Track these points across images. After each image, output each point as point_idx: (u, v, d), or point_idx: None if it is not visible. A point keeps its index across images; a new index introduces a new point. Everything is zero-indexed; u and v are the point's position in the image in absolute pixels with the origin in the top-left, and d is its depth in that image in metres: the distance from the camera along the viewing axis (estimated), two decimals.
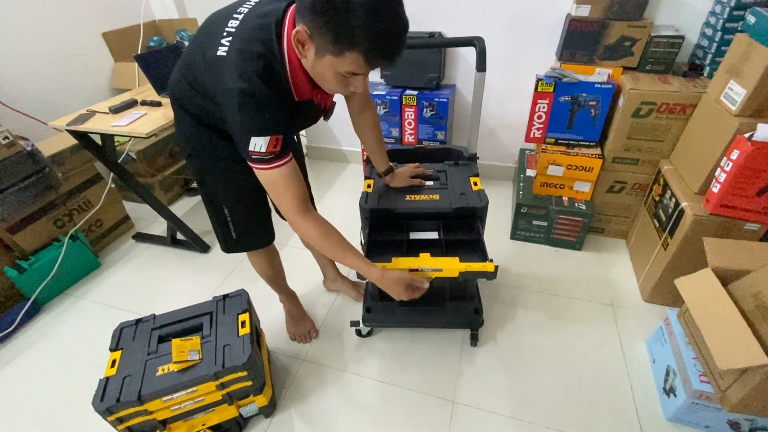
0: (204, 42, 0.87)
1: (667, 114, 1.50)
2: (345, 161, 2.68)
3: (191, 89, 0.94)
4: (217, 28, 0.85)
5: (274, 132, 0.82)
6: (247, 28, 0.82)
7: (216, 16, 0.90)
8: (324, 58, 0.76)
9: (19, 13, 1.88)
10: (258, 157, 0.83)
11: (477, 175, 1.36)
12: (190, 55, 0.92)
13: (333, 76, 0.79)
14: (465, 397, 1.29)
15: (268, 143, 0.81)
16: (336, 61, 0.75)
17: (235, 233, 1.20)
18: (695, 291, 1.09)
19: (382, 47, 0.74)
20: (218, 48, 0.81)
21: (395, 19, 0.72)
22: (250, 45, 0.79)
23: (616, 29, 1.55)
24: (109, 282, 1.84)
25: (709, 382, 1.08)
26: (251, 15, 0.83)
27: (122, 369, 1.08)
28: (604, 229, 1.89)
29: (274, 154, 0.84)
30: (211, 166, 1.08)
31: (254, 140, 0.81)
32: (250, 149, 0.82)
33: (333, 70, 0.78)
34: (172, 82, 1.01)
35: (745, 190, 1.21)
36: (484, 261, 1.15)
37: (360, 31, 0.70)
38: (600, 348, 1.42)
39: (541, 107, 1.68)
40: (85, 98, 2.16)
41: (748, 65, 1.20)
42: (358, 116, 1.21)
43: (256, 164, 0.86)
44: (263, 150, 0.82)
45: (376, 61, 0.76)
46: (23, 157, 1.57)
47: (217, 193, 1.13)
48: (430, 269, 1.14)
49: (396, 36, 0.74)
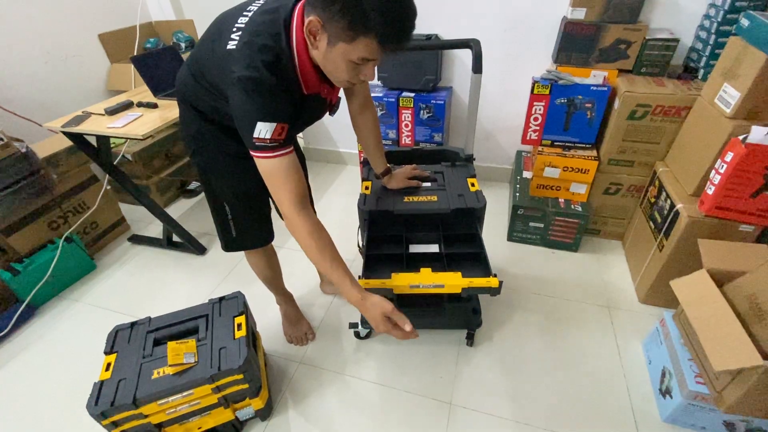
0: (214, 38, 0.88)
1: (662, 116, 1.50)
2: (342, 163, 2.68)
3: (199, 86, 0.95)
4: (227, 24, 0.87)
5: (281, 119, 0.82)
6: (255, 22, 0.83)
7: (226, 14, 0.91)
8: (337, 46, 0.78)
9: (15, 14, 1.87)
10: (261, 144, 0.83)
11: (474, 176, 1.36)
12: (199, 51, 0.94)
13: (345, 64, 0.81)
14: (462, 399, 1.29)
15: (274, 130, 0.82)
16: (349, 48, 0.77)
17: (235, 231, 1.21)
18: (690, 292, 1.10)
19: (395, 30, 0.76)
20: (228, 42, 0.83)
21: (407, 1, 0.76)
22: (258, 37, 0.81)
23: (612, 32, 1.56)
24: (105, 284, 1.83)
25: (705, 383, 1.08)
26: (260, 11, 0.85)
27: (117, 372, 1.07)
28: (600, 230, 1.90)
29: (277, 143, 0.84)
30: (215, 164, 1.08)
31: (260, 126, 0.81)
32: (254, 136, 0.82)
33: (345, 57, 0.79)
34: (179, 80, 1.02)
35: (739, 192, 1.22)
36: (487, 275, 1.13)
37: (374, 15, 0.72)
38: (596, 349, 1.43)
39: (537, 109, 1.68)
40: (80, 100, 2.15)
41: (742, 68, 1.21)
42: (359, 116, 1.22)
43: (258, 152, 0.85)
44: (268, 136, 0.82)
45: (389, 45, 0.78)
46: (18, 159, 1.56)
47: (219, 191, 1.14)
48: (432, 285, 1.10)
49: (408, 19, 0.77)
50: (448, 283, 1.10)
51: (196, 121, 1.02)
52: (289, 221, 0.93)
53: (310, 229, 0.93)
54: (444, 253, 1.22)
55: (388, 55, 0.82)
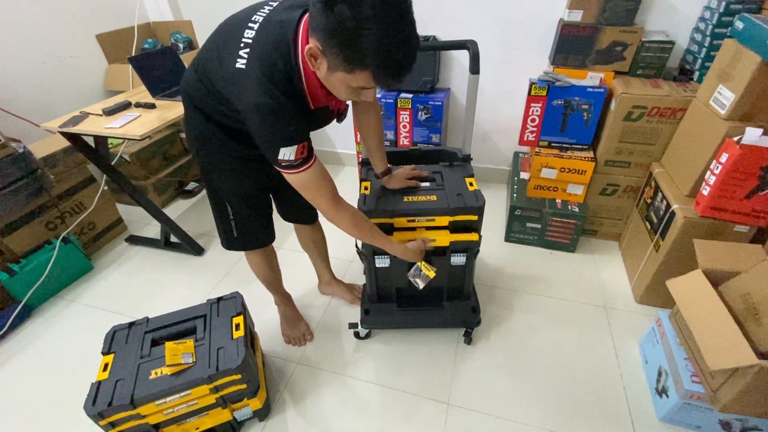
0: (221, 48, 0.88)
1: (658, 118, 1.52)
2: (340, 164, 2.68)
3: (205, 90, 0.95)
4: (233, 35, 0.86)
5: (300, 141, 0.86)
6: (263, 40, 0.83)
7: (232, 22, 0.90)
8: (336, 73, 0.78)
9: (12, 14, 1.86)
10: (287, 164, 0.87)
11: (472, 176, 1.37)
12: (206, 59, 0.93)
13: (345, 88, 0.82)
14: (459, 399, 1.30)
15: (296, 151, 0.85)
16: (347, 77, 0.78)
17: (237, 231, 1.22)
18: (686, 292, 1.11)
19: (391, 69, 0.77)
20: (237, 60, 0.83)
21: (405, 43, 0.75)
22: (268, 59, 0.81)
23: (608, 34, 1.57)
24: (102, 285, 1.82)
25: (701, 382, 1.09)
26: (267, 24, 0.84)
27: (115, 373, 1.07)
28: (597, 231, 1.91)
29: (302, 159, 0.88)
30: (218, 164, 1.09)
31: (283, 151, 0.84)
32: (279, 158, 0.86)
33: (344, 84, 0.81)
34: (185, 81, 1.02)
35: (734, 193, 1.23)
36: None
37: (370, 54, 0.72)
38: (593, 349, 1.43)
39: (534, 111, 1.69)
40: (78, 100, 2.15)
41: (736, 70, 1.22)
42: (363, 115, 1.23)
43: (286, 170, 0.89)
44: (292, 158, 0.86)
45: (386, 80, 0.79)
46: (15, 159, 1.56)
47: (222, 191, 1.14)
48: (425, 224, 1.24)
49: (405, 59, 0.77)
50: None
51: (201, 121, 1.02)
52: (331, 218, 1.02)
53: (352, 220, 1.04)
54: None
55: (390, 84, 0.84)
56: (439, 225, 1.25)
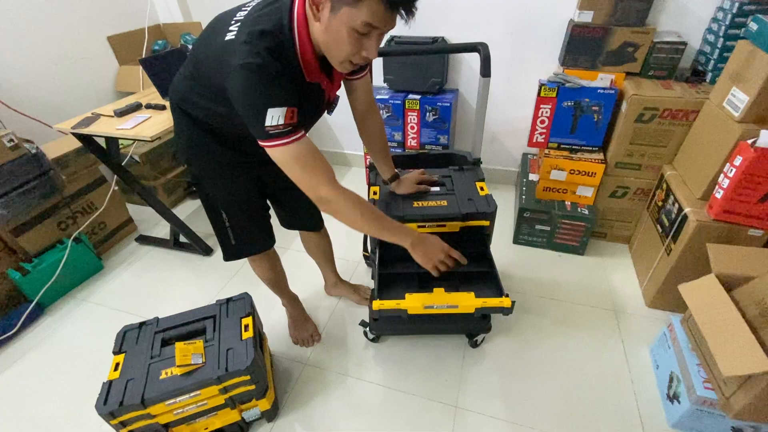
0: (210, 37, 0.87)
1: (670, 120, 1.50)
2: (348, 165, 2.69)
3: (195, 85, 0.94)
4: (225, 20, 0.86)
5: (290, 103, 0.80)
6: (255, 14, 0.82)
7: (223, 14, 0.91)
8: (340, 12, 0.74)
9: (24, 17, 1.89)
10: (275, 131, 0.80)
11: (483, 180, 1.36)
12: (195, 51, 0.93)
13: (347, 33, 0.77)
14: (467, 402, 1.29)
15: (285, 114, 0.79)
16: (353, 13, 0.73)
17: (234, 239, 1.21)
18: (699, 297, 1.09)
19: None
20: (226, 34, 0.81)
21: None
22: (259, 25, 0.79)
23: (619, 35, 1.56)
24: (112, 284, 1.84)
25: (713, 388, 1.08)
26: (260, 4, 0.84)
27: (125, 372, 1.08)
28: (607, 234, 1.89)
29: (291, 126, 0.81)
30: (209, 172, 1.08)
31: (271, 112, 0.78)
32: (266, 124, 0.79)
33: (348, 25, 0.75)
34: (173, 86, 1.02)
35: (748, 196, 1.21)
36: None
37: None
38: (603, 354, 1.42)
39: (544, 112, 1.68)
40: (89, 101, 2.17)
41: (750, 72, 1.20)
42: (364, 122, 1.19)
43: (273, 140, 0.81)
44: (281, 122, 0.79)
45: (395, 8, 0.74)
46: (28, 160, 1.58)
47: (215, 199, 1.13)
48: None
49: None
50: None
51: (189, 128, 1.01)
52: (330, 203, 0.90)
53: (354, 199, 0.92)
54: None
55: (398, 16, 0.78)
56: (451, 231, 1.22)
